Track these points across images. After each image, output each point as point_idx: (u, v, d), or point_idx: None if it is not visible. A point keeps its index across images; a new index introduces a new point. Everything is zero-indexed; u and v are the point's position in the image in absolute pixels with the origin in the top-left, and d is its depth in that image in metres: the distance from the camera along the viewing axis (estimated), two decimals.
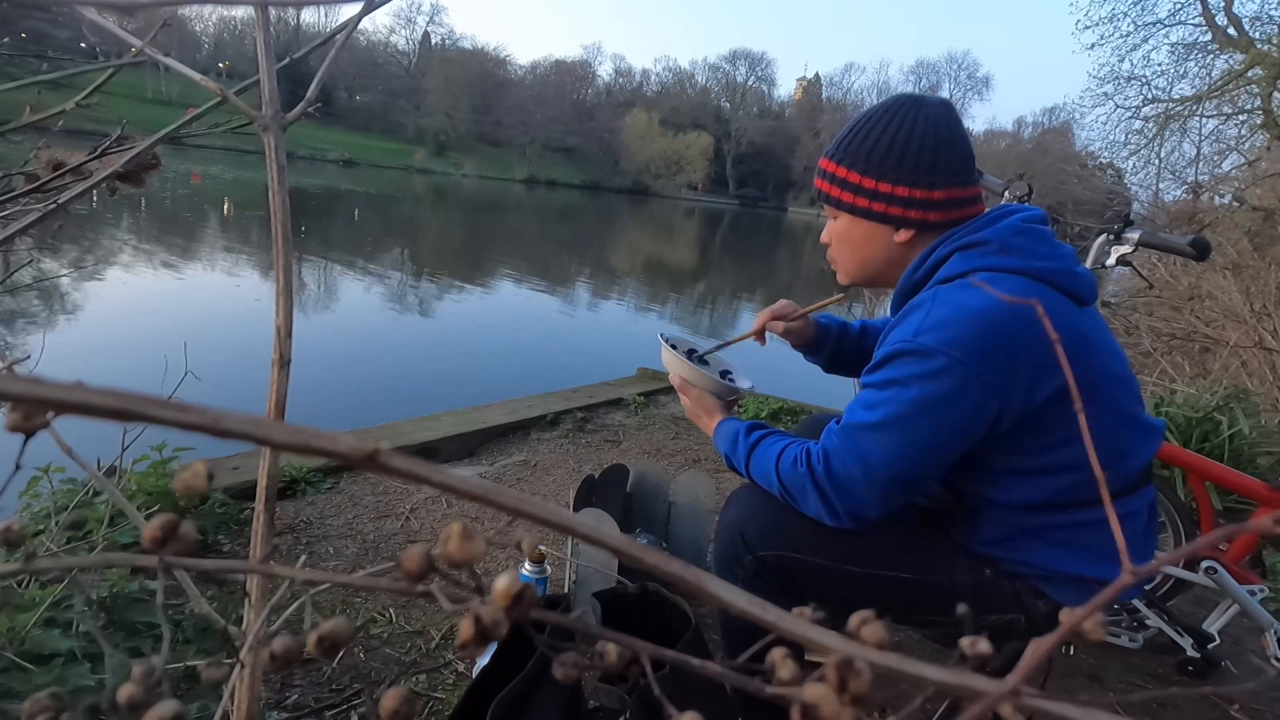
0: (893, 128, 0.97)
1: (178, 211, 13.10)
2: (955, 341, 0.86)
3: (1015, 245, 0.95)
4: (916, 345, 0.88)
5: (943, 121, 0.98)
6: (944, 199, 0.98)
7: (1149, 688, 1.58)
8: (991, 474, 0.96)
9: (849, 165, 1.01)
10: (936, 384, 0.87)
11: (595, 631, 0.22)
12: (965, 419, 0.88)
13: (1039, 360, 0.87)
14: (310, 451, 0.18)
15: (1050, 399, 0.89)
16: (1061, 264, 0.96)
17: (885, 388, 0.91)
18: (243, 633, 0.44)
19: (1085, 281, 0.98)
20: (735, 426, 1.10)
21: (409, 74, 67.15)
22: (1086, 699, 0.17)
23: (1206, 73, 10.30)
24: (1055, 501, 0.95)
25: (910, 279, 1.01)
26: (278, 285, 0.49)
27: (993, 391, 0.87)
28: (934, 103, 1.00)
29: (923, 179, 0.97)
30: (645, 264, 16.80)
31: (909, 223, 0.99)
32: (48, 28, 6.78)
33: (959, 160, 0.98)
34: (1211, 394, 3.03)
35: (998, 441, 0.92)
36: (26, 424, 0.18)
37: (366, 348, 5.84)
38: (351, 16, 0.54)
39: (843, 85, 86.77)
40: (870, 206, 1.00)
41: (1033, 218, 0.99)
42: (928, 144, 0.96)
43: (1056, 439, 0.91)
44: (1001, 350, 0.87)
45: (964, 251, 0.95)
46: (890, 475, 0.91)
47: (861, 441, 0.92)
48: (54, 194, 0.53)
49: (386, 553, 1.86)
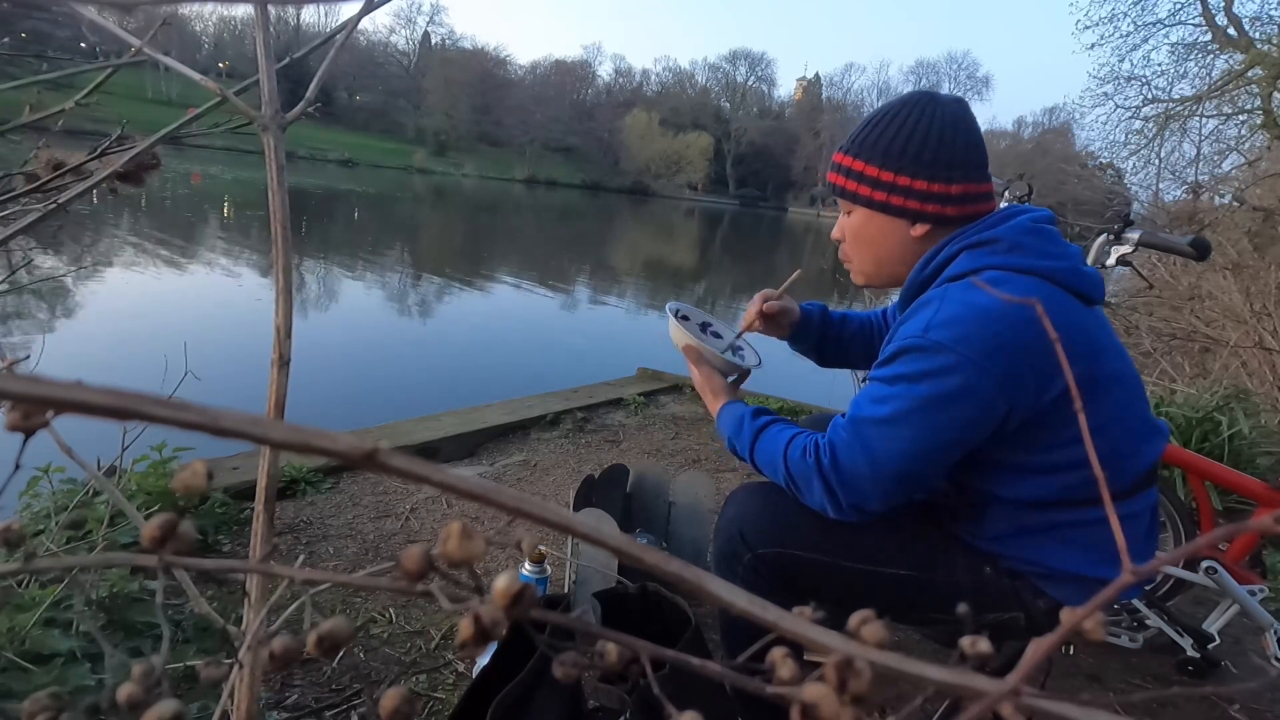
0: (910, 122, 0.98)
1: (178, 211, 13.10)
2: (966, 339, 0.87)
3: (1025, 244, 0.95)
4: (927, 341, 0.88)
5: (959, 118, 0.98)
6: (961, 193, 0.98)
7: (1149, 688, 1.58)
8: (998, 470, 0.96)
9: (866, 159, 1.00)
10: (946, 381, 0.87)
11: (595, 631, 0.22)
12: (974, 416, 0.88)
13: (1048, 359, 0.88)
14: (309, 451, 0.18)
15: (1059, 397, 0.89)
16: (1069, 263, 0.96)
17: (894, 383, 0.91)
18: (242, 632, 0.44)
19: (1092, 281, 0.98)
20: (741, 410, 1.09)
21: (409, 74, 67.16)
22: (1087, 699, 0.17)
23: (1206, 73, 10.30)
24: (1061, 499, 0.95)
25: (918, 276, 1.01)
26: (277, 285, 0.49)
27: (1002, 390, 0.87)
28: (950, 100, 1.00)
29: (940, 173, 0.97)
30: (645, 264, 16.80)
31: (926, 216, 0.99)
32: (48, 27, 6.77)
33: (975, 156, 0.99)
34: (1211, 394, 3.03)
35: (1006, 439, 0.92)
36: (26, 423, 0.18)
37: (366, 348, 5.84)
38: (351, 16, 0.54)
39: (843, 85, 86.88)
40: (889, 200, 1.00)
41: (1042, 217, 1.00)
42: (945, 139, 0.97)
43: (1064, 437, 0.92)
44: (1011, 349, 0.87)
45: (972, 250, 0.96)
46: (897, 471, 0.91)
47: (869, 436, 0.92)
48: (54, 194, 0.53)
49: (386, 553, 1.86)
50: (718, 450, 2.94)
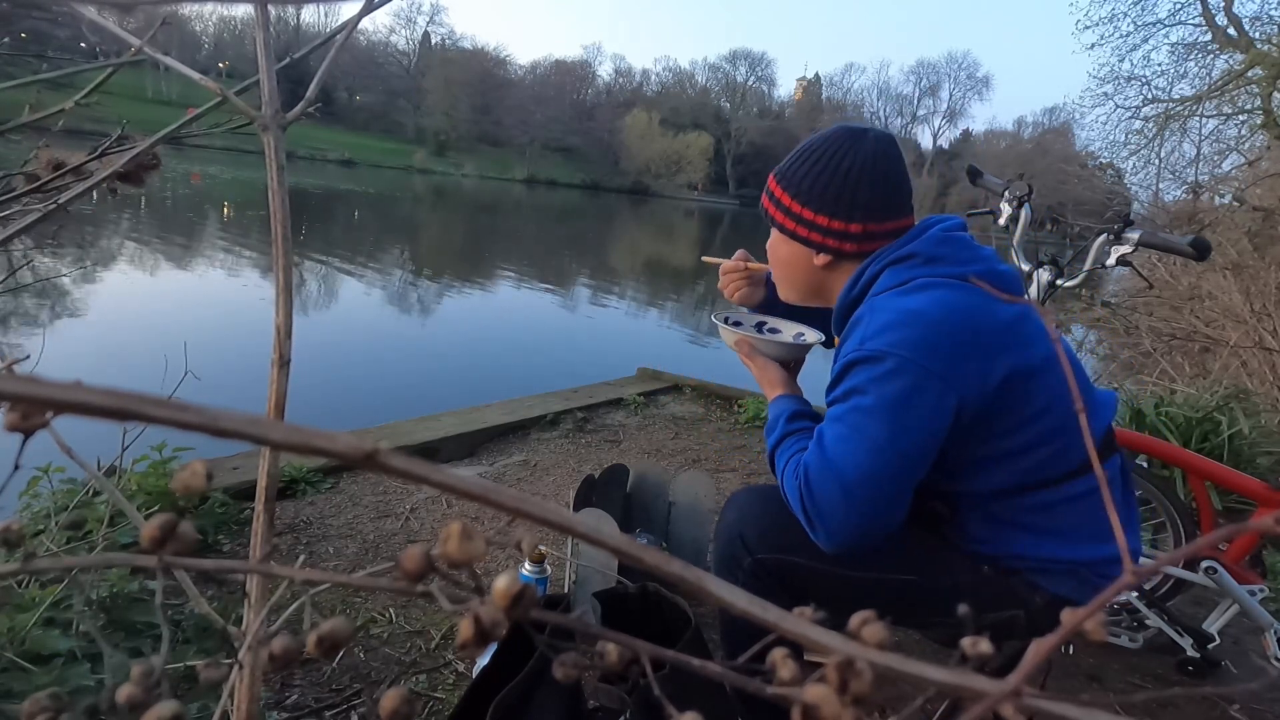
0: (824, 159, 1.02)
1: (178, 211, 13.10)
2: (901, 342, 0.90)
3: (940, 254, 0.99)
4: (864, 352, 0.91)
5: (879, 157, 1.02)
6: (860, 232, 1.03)
7: (1149, 688, 1.58)
8: (963, 467, 0.98)
9: (783, 187, 1.07)
10: (891, 384, 0.90)
11: (595, 631, 0.22)
12: (927, 415, 0.90)
13: (983, 347, 0.91)
14: (309, 451, 0.18)
15: (1003, 382, 0.92)
16: (985, 265, 1.02)
17: (846, 398, 0.93)
18: (242, 633, 0.44)
19: (1009, 278, 1.06)
20: (782, 408, 1.09)
21: (409, 74, 67.08)
22: (1088, 699, 0.17)
23: (1206, 73, 10.29)
24: (1023, 484, 0.97)
25: (847, 298, 1.05)
26: (278, 285, 0.49)
27: (948, 384, 0.89)
28: (872, 141, 1.03)
29: (841, 211, 1.02)
30: (645, 264, 16.80)
31: (826, 249, 1.05)
32: (48, 27, 6.78)
33: (881, 197, 1.02)
34: (1211, 394, 3.03)
35: (964, 433, 0.93)
36: (25, 424, 0.18)
37: (367, 348, 5.84)
38: (351, 16, 0.53)
39: (843, 85, 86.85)
40: (795, 229, 1.06)
41: (952, 225, 1.05)
42: (851, 179, 1.01)
43: (1018, 419, 0.94)
44: (947, 342, 0.90)
45: (894, 266, 1.00)
46: (866, 485, 0.90)
47: (834, 456, 0.92)
48: (54, 194, 0.53)
49: (386, 553, 1.86)
50: (718, 450, 2.94)
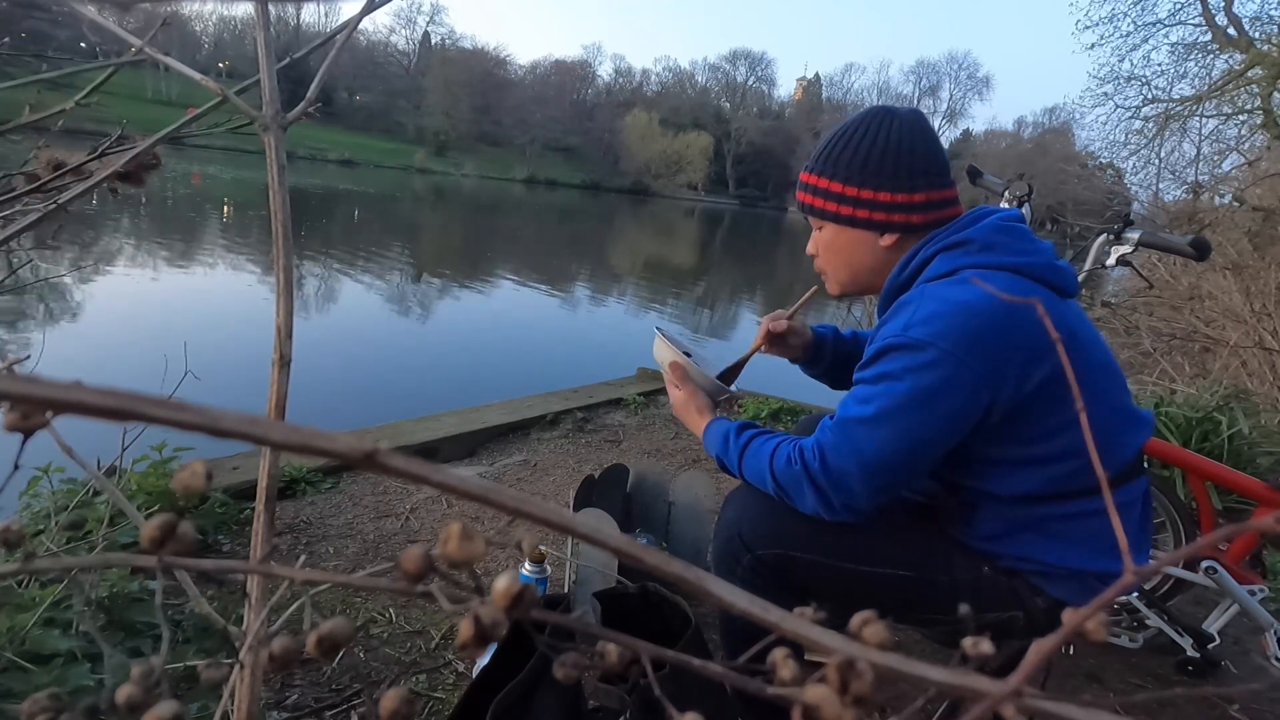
0: (869, 137, 1.01)
1: (178, 211, 13.10)
2: (945, 334, 0.88)
3: (997, 243, 0.98)
4: (907, 339, 0.90)
5: (916, 128, 1.02)
6: (924, 201, 1.01)
7: (1149, 688, 1.58)
8: (985, 466, 0.97)
9: (830, 175, 1.04)
10: (928, 375, 0.89)
11: (595, 631, 0.22)
12: (957, 409, 0.90)
13: (1028, 349, 0.89)
14: (309, 451, 0.18)
15: (1040, 387, 0.91)
16: (1042, 258, 0.99)
17: (878, 382, 0.93)
18: (242, 633, 0.44)
19: (1066, 274, 1.01)
20: (725, 426, 1.11)
21: (409, 74, 67.08)
22: (1088, 699, 0.17)
23: (1206, 73, 10.29)
24: (1049, 492, 0.96)
25: (896, 280, 1.03)
26: (278, 285, 0.49)
27: (983, 382, 0.89)
28: (905, 112, 1.03)
29: (903, 183, 1.00)
30: (645, 264, 16.80)
31: (893, 226, 1.02)
32: (48, 27, 6.78)
33: (934, 163, 1.02)
34: (1211, 394, 3.03)
35: (990, 432, 0.93)
36: (25, 423, 0.18)
37: (367, 348, 5.84)
38: (351, 16, 0.53)
39: (843, 85, 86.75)
40: (854, 214, 1.03)
41: (1010, 216, 1.03)
42: (904, 150, 1.00)
43: (1047, 428, 0.93)
44: (990, 341, 0.89)
45: (948, 251, 0.98)
46: (884, 467, 0.92)
47: (856, 435, 0.93)
48: (54, 194, 0.53)
49: (386, 553, 1.86)
50: None
